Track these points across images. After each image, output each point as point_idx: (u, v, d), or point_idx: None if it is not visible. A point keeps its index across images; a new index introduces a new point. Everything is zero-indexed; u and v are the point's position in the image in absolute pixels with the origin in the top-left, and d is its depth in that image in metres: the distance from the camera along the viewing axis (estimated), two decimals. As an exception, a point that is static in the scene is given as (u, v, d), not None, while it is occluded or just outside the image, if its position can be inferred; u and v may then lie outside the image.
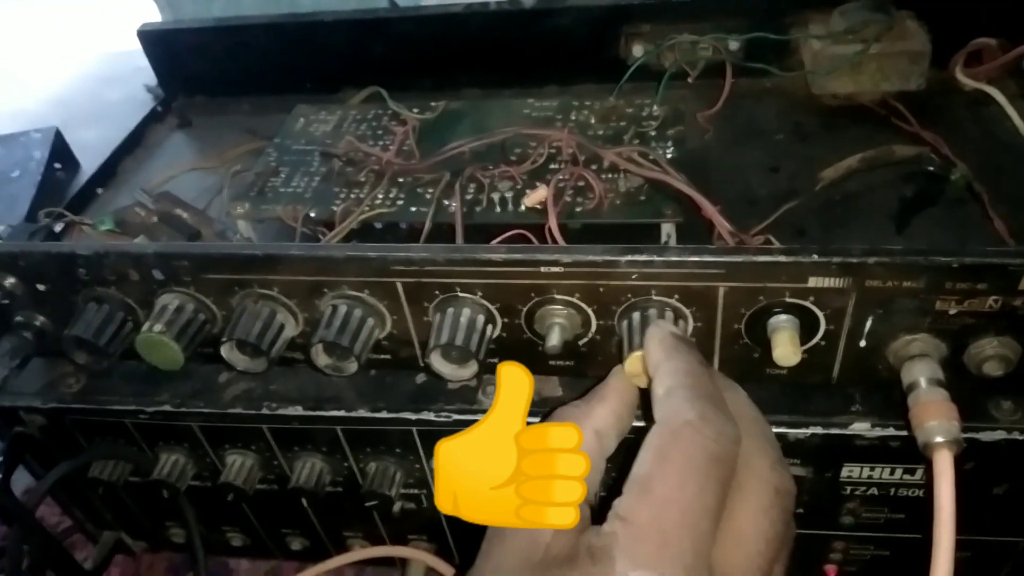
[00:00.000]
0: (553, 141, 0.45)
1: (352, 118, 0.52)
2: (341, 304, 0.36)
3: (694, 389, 0.28)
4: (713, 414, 0.27)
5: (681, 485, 0.25)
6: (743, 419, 0.29)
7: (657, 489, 0.25)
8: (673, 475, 0.25)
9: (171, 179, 0.51)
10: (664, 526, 0.25)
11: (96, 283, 0.39)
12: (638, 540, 0.24)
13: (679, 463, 0.26)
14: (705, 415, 0.26)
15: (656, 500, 0.25)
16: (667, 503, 0.25)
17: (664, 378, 0.29)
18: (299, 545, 0.51)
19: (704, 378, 0.29)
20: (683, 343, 0.31)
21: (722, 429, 0.26)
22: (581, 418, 0.30)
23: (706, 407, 0.27)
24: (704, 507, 0.25)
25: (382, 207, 0.44)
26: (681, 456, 0.26)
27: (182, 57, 0.61)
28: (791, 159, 0.47)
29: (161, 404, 0.43)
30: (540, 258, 0.34)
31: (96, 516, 0.53)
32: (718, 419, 0.27)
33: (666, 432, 0.27)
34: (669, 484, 0.25)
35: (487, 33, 0.55)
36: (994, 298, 0.31)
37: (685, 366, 0.29)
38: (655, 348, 0.30)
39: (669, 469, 0.26)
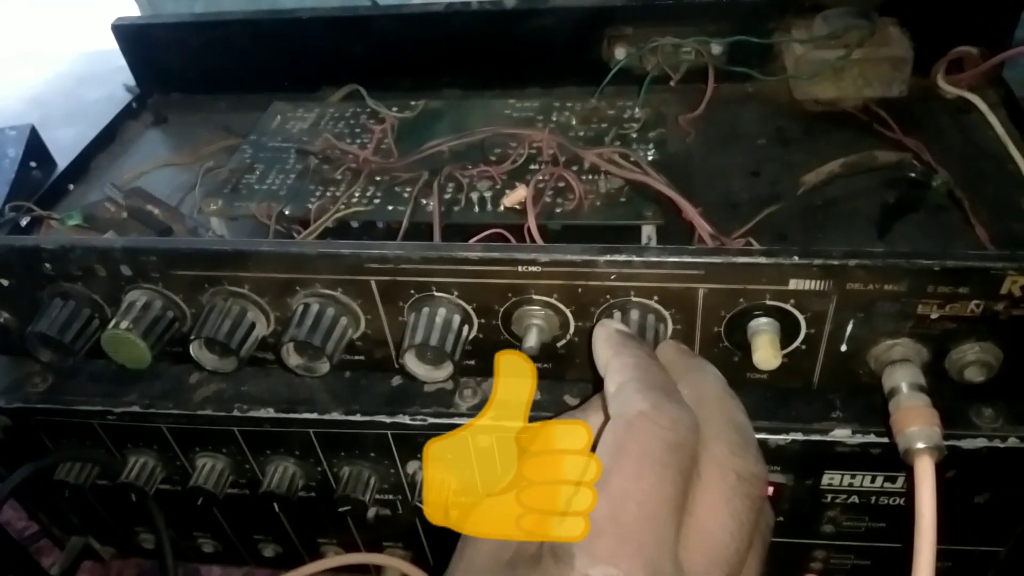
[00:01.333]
0: (533, 141, 0.45)
1: (330, 116, 0.51)
2: (313, 302, 0.35)
3: (644, 381, 0.27)
4: (667, 403, 0.26)
5: (637, 477, 0.24)
6: (706, 400, 0.28)
7: (613, 483, 0.24)
8: (629, 467, 0.24)
9: (143, 175, 0.50)
10: (622, 520, 0.24)
11: (62, 278, 0.38)
12: (596, 536, 0.24)
13: (634, 454, 0.25)
14: (658, 404, 0.26)
15: (612, 494, 0.24)
16: (624, 496, 0.24)
17: (614, 375, 0.28)
18: (272, 552, 0.50)
19: (654, 369, 0.28)
20: (630, 339, 0.30)
21: (677, 417, 0.26)
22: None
23: (658, 397, 0.26)
24: (663, 497, 0.24)
25: (359, 205, 0.43)
26: (636, 447, 0.25)
27: (158, 53, 0.60)
28: (773, 164, 0.47)
29: (129, 405, 0.42)
30: (518, 257, 0.33)
31: (63, 520, 0.52)
32: (672, 407, 0.26)
33: (620, 425, 0.26)
34: (625, 477, 0.24)
35: (469, 33, 0.55)
36: (976, 302, 0.31)
37: (633, 360, 0.28)
38: (602, 347, 0.30)
39: (624, 462, 0.25)
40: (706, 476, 0.25)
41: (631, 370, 0.28)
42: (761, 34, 0.50)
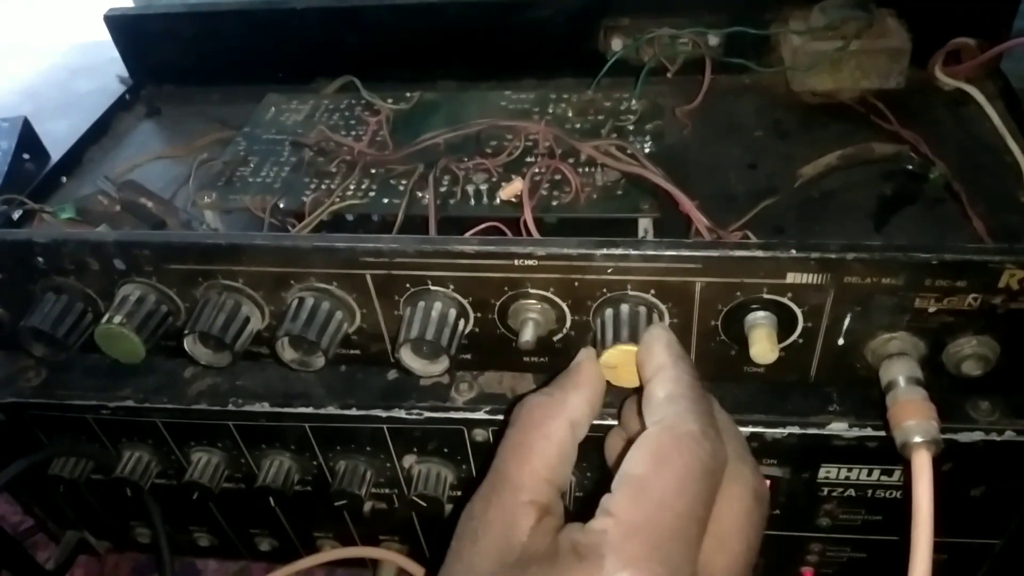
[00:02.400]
0: (529, 134, 0.44)
1: (324, 108, 0.50)
2: (308, 296, 0.35)
3: (697, 403, 0.28)
4: (712, 431, 0.27)
5: (679, 492, 0.25)
6: (723, 429, 0.29)
7: (654, 492, 0.25)
8: (672, 481, 0.25)
9: (136, 168, 0.50)
10: (658, 529, 0.24)
11: (55, 272, 0.37)
12: (630, 539, 0.24)
13: (679, 470, 0.26)
14: (706, 431, 0.27)
15: (652, 502, 0.25)
16: (663, 507, 0.25)
17: (667, 383, 0.28)
18: (268, 546, 0.50)
19: (703, 394, 0.29)
20: (686, 355, 0.30)
21: (718, 447, 0.27)
22: (556, 408, 0.29)
23: (707, 424, 0.27)
24: (696, 516, 0.25)
25: (353, 198, 0.42)
26: (681, 464, 0.26)
27: (151, 44, 0.59)
28: (770, 156, 0.47)
29: (124, 399, 0.41)
30: (514, 251, 0.33)
31: (58, 515, 0.52)
32: (716, 437, 0.27)
33: (667, 438, 0.27)
34: (667, 489, 0.25)
35: (464, 24, 0.54)
36: (973, 296, 0.31)
37: (689, 378, 0.29)
38: (661, 351, 0.30)
39: (668, 474, 0.25)
40: (731, 493, 0.27)
41: (686, 387, 0.28)
42: (758, 25, 0.50)
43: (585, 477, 0.40)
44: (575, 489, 0.40)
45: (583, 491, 0.40)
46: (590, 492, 0.40)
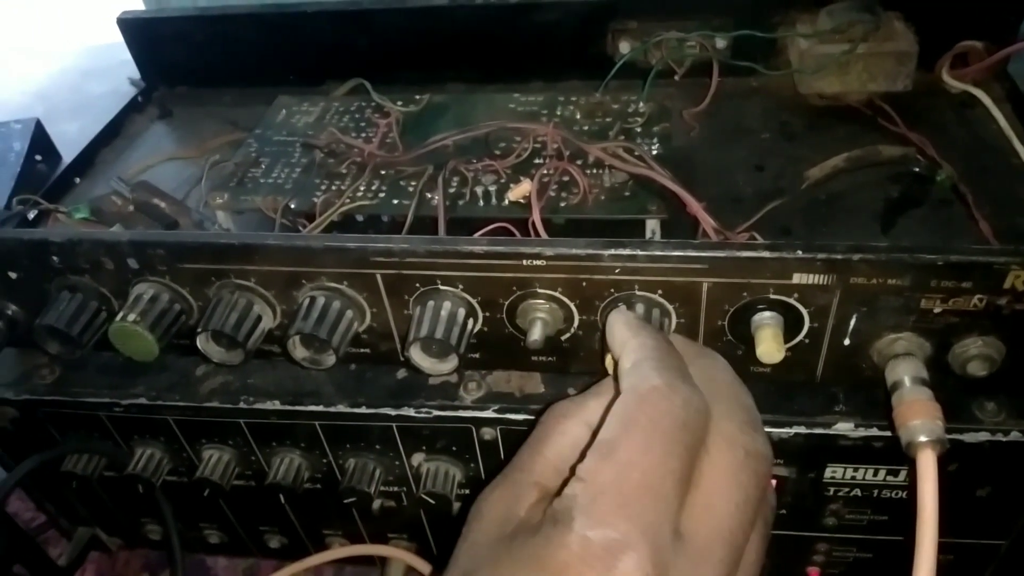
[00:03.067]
0: (538, 135, 0.45)
1: (335, 110, 0.51)
2: (319, 295, 0.36)
3: (661, 361, 0.28)
4: (680, 383, 0.26)
5: (645, 449, 0.25)
6: (716, 384, 0.28)
7: (621, 452, 0.25)
8: (638, 438, 0.25)
9: (149, 168, 0.50)
10: (625, 487, 0.24)
11: (69, 271, 0.38)
12: (597, 500, 0.24)
13: (644, 427, 0.25)
14: (672, 383, 0.26)
15: (619, 462, 0.25)
16: (630, 465, 0.24)
17: (631, 353, 0.28)
18: (277, 543, 0.51)
19: (670, 352, 0.29)
20: (647, 325, 0.31)
21: (689, 397, 0.26)
22: (575, 409, 0.30)
23: (673, 376, 0.27)
24: (668, 469, 0.25)
25: (364, 199, 0.43)
26: (647, 420, 0.25)
27: (163, 46, 0.60)
28: (777, 158, 0.47)
29: (136, 397, 0.42)
30: (523, 251, 0.33)
31: (70, 511, 0.52)
32: (685, 387, 0.26)
33: (632, 398, 0.26)
34: (633, 447, 0.25)
35: (473, 27, 0.55)
36: (979, 297, 0.31)
37: (652, 341, 0.29)
38: (620, 328, 0.30)
39: (634, 432, 0.25)
40: (714, 451, 0.26)
41: (649, 350, 0.28)
42: (765, 28, 0.50)
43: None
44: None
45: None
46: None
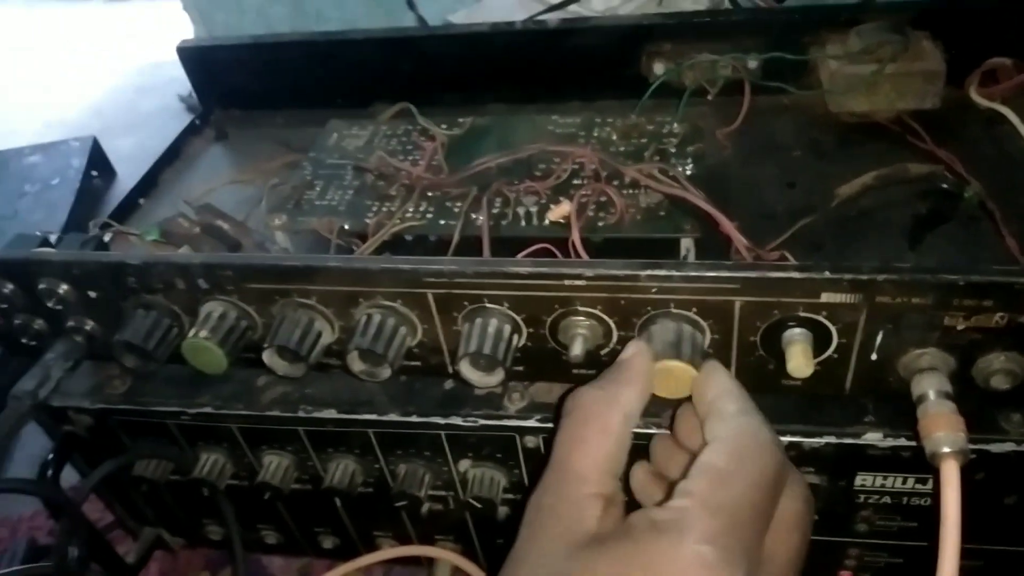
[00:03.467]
0: (576, 157, 0.47)
1: (383, 133, 0.54)
2: (375, 313, 0.38)
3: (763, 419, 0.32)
4: (780, 444, 0.32)
5: (756, 486, 0.29)
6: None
7: (735, 483, 0.29)
8: (752, 475, 0.29)
9: (212, 191, 0.53)
10: (736, 513, 0.28)
11: (144, 291, 0.41)
12: (711, 517, 0.27)
13: (758, 468, 0.30)
14: (777, 442, 0.31)
15: (733, 490, 0.29)
16: (742, 496, 0.29)
17: (737, 400, 0.33)
18: (330, 543, 0.53)
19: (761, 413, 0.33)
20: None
21: (783, 458, 0.31)
22: (611, 403, 0.32)
23: (776, 437, 0.32)
24: (765, 510, 0.29)
25: (412, 220, 0.46)
26: (760, 464, 0.30)
27: (219, 72, 0.63)
28: (808, 175, 0.48)
29: (202, 406, 0.45)
30: (564, 272, 0.36)
31: (137, 513, 0.55)
32: (782, 449, 0.32)
33: (748, 440, 0.31)
34: (747, 482, 0.29)
35: (512, 51, 0.57)
36: (1000, 315, 0.32)
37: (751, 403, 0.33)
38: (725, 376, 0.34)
39: (749, 469, 0.30)
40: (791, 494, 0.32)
41: (752, 407, 0.33)
42: (796, 49, 0.52)
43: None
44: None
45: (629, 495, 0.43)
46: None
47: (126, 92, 1.30)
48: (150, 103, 1.24)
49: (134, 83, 1.32)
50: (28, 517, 0.65)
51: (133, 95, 1.28)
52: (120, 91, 1.32)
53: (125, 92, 1.30)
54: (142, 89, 1.28)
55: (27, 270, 0.42)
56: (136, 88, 1.30)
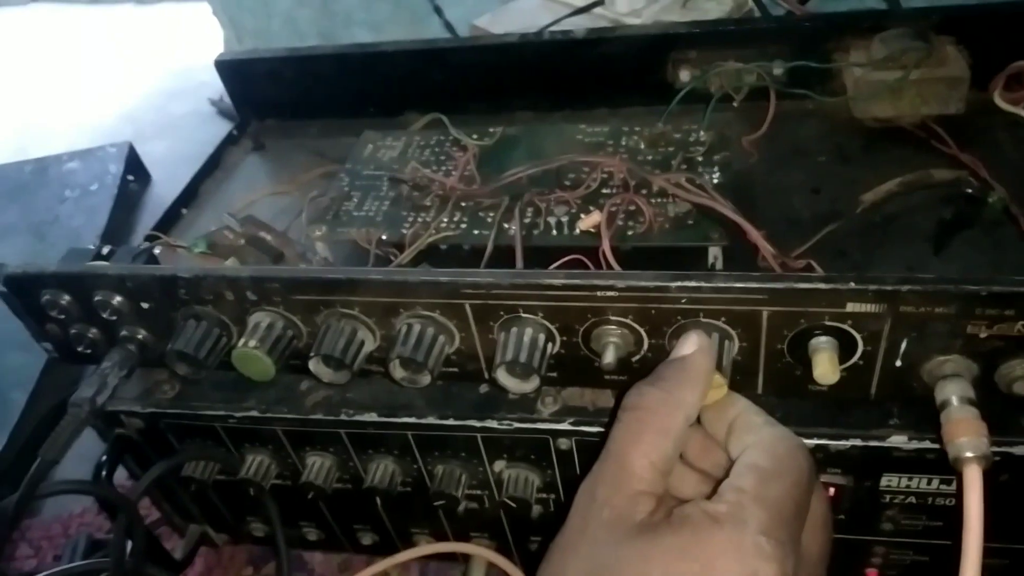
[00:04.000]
0: (605, 167, 0.48)
1: (416, 144, 0.55)
2: (415, 323, 0.40)
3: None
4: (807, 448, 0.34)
5: (796, 486, 0.32)
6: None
7: (780, 481, 0.31)
8: (793, 476, 0.32)
9: (253, 203, 0.55)
10: (783, 509, 0.30)
11: (195, 302, 0.43)
12: (765, 511, 0.30)
13: (797, 470, 0.32)
14: (804, 446, 0.34)
15: (780, 488, 0.31)
16: (787, 494, 0.31)
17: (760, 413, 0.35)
18: (369, 540, 0.55)
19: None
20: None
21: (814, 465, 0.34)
22: (673, 407, 0.34)
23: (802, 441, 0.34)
24: (802, 508, 0.32)
25: (447, 230, 0.47)
26: (796, 465, 0.32)
27: (255, 84, 0.65)
28: (833, 181, 0.49)
29: (248, 410, 0.47)
30: (596, 283, 0.37)
31: (184, 510, 0.58)
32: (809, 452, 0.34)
33: (782, 443, 0.33)
34: (789, 482, 0.32)
35: (540, 61, 0.58)
36: (1021, 323, 0.33)
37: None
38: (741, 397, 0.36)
39: (791, 470, 0.32)
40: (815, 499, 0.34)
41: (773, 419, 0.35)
42: (821, 57, 0.52)
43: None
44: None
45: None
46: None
47: (157, 96, 1.33)
48: (181, 107, 1.26)
49: (165, 87, 1.34)
50: (79, 514, 0.68)
51: (164, 99, 1.31)
52: (151, 95, 1.34)
53: (156, 96, 1.33)
54: (173, 93, 1.31)
55: (83, 283, 0.44)
56: (167, 92, 1.32)
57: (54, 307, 0.45)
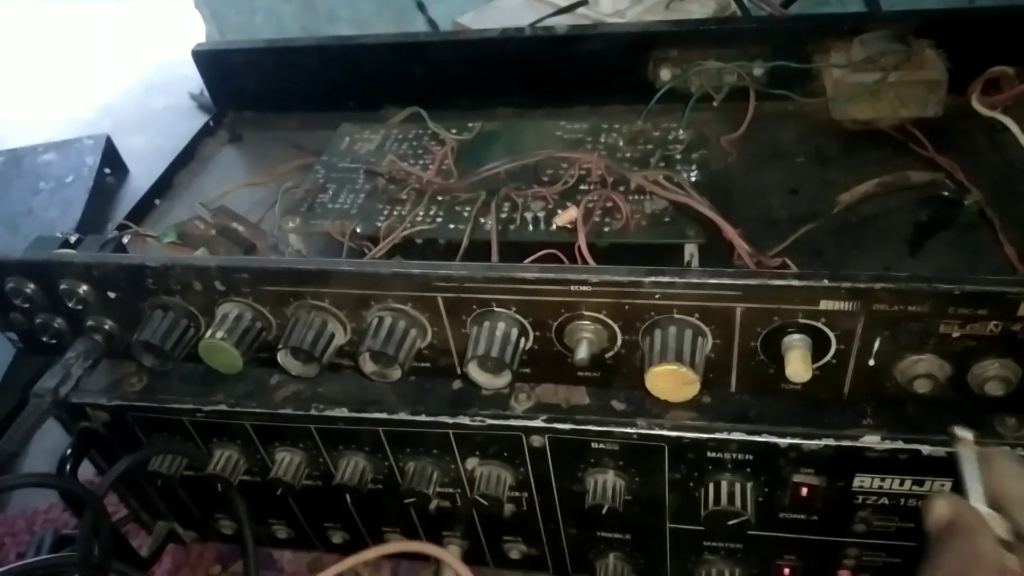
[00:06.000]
0: (583, 164, 0.48)
1: (394, 137, 0.55)
2: (387, 316, 0.39)
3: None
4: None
5: None
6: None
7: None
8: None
9: (227, 194, 0.55)
10: None
11: (162, 292, 0.42)
12: None
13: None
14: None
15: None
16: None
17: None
18: (340, 538, 0.54)
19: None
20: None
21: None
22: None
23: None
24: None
25: (423, 224, 0.47)
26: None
27: (233, 75, 0.64)
28: (811, 182, 0.49)
29: (217, 404, 0.46)
30: (570, 277, 0.37)
31: (151, 507, 0.57)
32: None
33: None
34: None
35: (522, 57, 0.58)
36: (994, 323, 0.33)
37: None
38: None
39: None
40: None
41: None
42: (801, 58, 0.52)
43: (633, 481, 0.43)
44: (624, 492, 0.43)
45: (631, 494, 0.44)
46: (637, 495, 0.44)
47: (137, 90, 1.31)
48: (161, 101, 1.25)
49: (145, 81, 1.33)
50: (44, 510, 0.66)
51: (144, 93, 1.29)
52: (131, 89, 1.33)
53: (136, 90, 1.32)
54: (153, 87, 1.29)
55: (48, 271, 0.43)
56: (147, 86, 1.31)
57: (18, 295, 0.44)
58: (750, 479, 0.41)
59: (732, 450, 0.40)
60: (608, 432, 0.41)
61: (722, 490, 0.40)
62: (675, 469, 0.41)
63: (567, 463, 0.43)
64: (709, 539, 0.45)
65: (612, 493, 0.42)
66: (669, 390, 0.36)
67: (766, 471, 0.40)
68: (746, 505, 0.40)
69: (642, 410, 0.41)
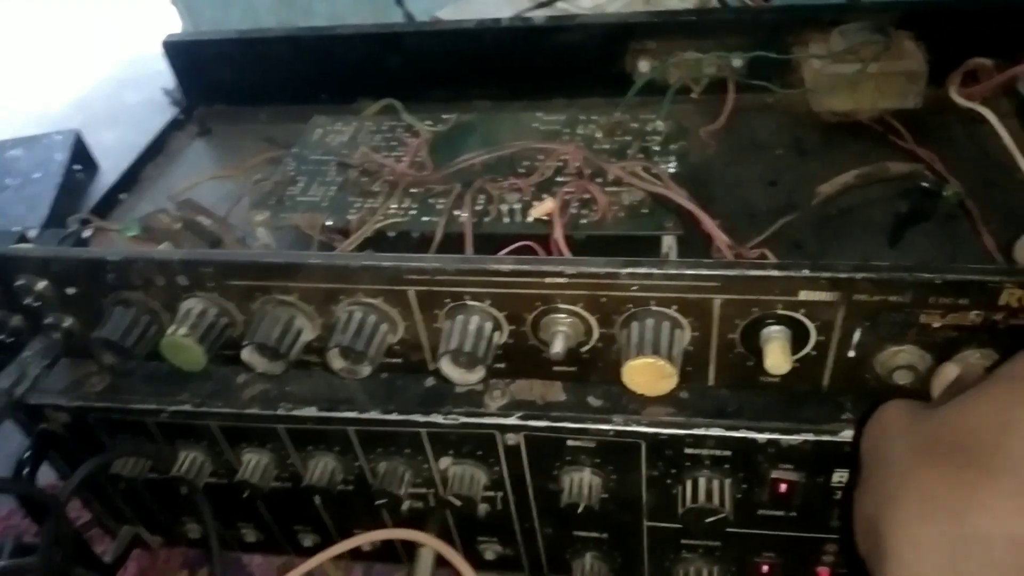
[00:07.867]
0: (560, 155, 0.47)
1: (367, 129, 0.53)
2: (356, 310, 0.38)
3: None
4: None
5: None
6: None
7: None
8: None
9: (195, 186, 0.53)
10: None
11: (123, 287, 0.41)
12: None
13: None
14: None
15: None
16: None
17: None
18: (310, 542, 0.53)
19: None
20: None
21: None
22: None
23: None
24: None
25: (395, 217, 0.45)
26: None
27: (204, 67, 0.63)
28: (790, 174, 0.49)
29: (181, 404, 0.44)
30: (545, 269, 0.36)
31: (115, 511, 0.55)
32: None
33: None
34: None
35: (498, 48, 0.57)
36: (976, 313, 0.33)
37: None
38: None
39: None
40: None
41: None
42: (780, 49, 0.52)
43: (610, 479, 0.42)
44: (600, 490, 0.43)
45: (608, 492, 0.43)
46: (614, 493, 0.43)
47: (110, 85, 1.29)
48: (134, 96, 1.23)
49: (118, 76, 1.31)
50: (4, 517, 0.64)
51: (117, 88, 1.27)
52: (104, 84, 1.31)
53: (109, 85, 1.29)
54: (126, 82, 1.27)
55: (4, 266, 0.41)
56: (120, 81, 1.29)
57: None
58: (728, 475, 0.40)
59: (710, 446, 0.39)
60: (584, 429, 0.40)
61: (700, 487, 0.39)
62: (652, 466, 0.40)
63: (542, 461, 0.42)
64: (687, 537, 0.44)
65: (588, 491, 0.41)
66: (646, 384, 0.35)
67: (744, 467, 0.39)
68: (724, 502, 0.39)
69: (619, 406, 0.40)
